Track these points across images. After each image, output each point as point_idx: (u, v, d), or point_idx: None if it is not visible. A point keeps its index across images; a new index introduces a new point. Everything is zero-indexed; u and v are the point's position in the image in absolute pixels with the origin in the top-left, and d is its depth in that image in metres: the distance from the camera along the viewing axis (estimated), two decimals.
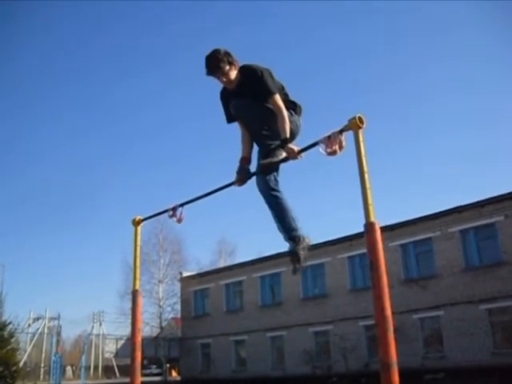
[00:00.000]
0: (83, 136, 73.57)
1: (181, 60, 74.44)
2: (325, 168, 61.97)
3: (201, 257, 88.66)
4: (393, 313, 2.53)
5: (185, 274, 34.22)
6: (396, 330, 2.76)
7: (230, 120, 3.69)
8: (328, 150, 2.98)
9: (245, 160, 3.62)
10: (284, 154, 3.36)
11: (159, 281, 36.41)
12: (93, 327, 53.87)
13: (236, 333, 29.10)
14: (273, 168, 3.52)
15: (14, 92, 73.41)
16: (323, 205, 69.66)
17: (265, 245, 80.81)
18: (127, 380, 4.73)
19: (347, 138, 2.93)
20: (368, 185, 2.72)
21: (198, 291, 32.59)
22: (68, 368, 46.27)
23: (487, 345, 19.79)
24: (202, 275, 33.14)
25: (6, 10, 61.27)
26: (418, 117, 65.37)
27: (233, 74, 3.46)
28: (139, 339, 4.13)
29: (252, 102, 3.47)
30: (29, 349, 41.28)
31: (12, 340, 17.70)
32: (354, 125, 2.82)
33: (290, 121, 3.45)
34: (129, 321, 27.35)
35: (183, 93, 74.73)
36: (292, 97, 3.67)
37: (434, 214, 22.35)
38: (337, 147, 2.95)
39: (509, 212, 20.13)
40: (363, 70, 70.37)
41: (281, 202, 3.57)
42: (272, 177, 3.58)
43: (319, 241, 24.43)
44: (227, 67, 3.41)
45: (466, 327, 20.39)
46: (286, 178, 3.66)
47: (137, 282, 4.30)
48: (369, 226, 2.63)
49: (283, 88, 3.60)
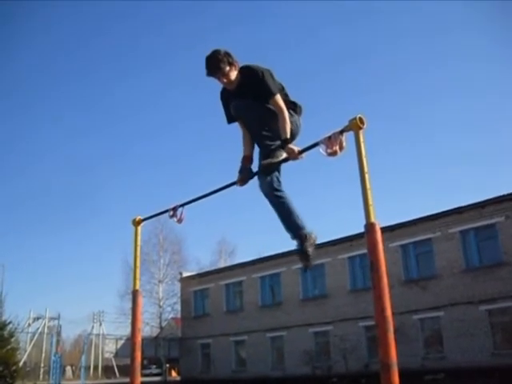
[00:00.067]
0: (83, 136, 73.67)
1: (181, 60, 74.53)
2: (325, 168, 62.05)
3: (201, 257, 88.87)
4: (393, 313, 2.53)
5: (185, 274, 34.22)
6: (396, 331, 2.76)
7: (231, 120, 3.69)
8: (328, 151, 2.98)
9: (246, 159, 3.62)
10: (284, 155, 3.36)
11: (159, 281, 36.41)
12: (93, 327, 53.94)
13: (236, 333, 29.10)
14: (273, 168, 3.52)
15: (14, 92, 73.53)
16: (324, 205, 69.61)
17: (265, 245, 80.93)
18: (127, 380, 4.73)
19: (348, 139, 2.93)
20: (368, 185, 2.71)
21: (198, 291, 32.59)
22: (68, 368, 46.27)
23: (487, 345, 19.78)
24: (202, 275, 33.14)
25: (6, 10, 61.31)
26: (419, 117, 65.44)
27: (233, 75, 3.45)
28: (139, 339, 4.13)
29: (252, 103, 3.47)
30: (29, 348, 41.26)
31: (12, 340, 17.70)
32: (355, 125, 2.82)
33: (291, 121, 3.44)
34: (129, 321, 27.34)
35: (183, 93, 74.80)
36: (292, 97, 3.66)
37: (435, 215, 22.35)
38: (337, 148, 2.95)
39: (509, 213, 20.12)
40: (363, 71, 70.46)
41: (285, 202, 3.57)
42: (274, 177, 3.57)
43: (319, 241, 24.36)
44: (227, 68, 3.41)
45: (466, 328, 20.38)
46: (287, 179, 3.66)
47: (137, 282, 4.30)
48: (369, 227, 2.63)
49: (283, 88, 3.59)
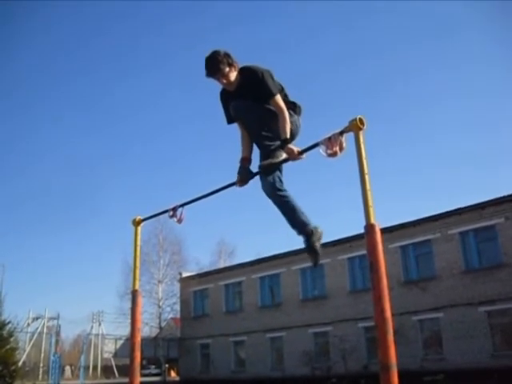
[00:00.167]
0: (83, 136, 73.77)
1: (181, 60, 74.62)
2: (325, 169, 62.06)
3: (200, 257, 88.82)
4: (392, 314, 2.53)
5: (184, 275, 34.21)
6: (395, 332, 2.77)
7: (231, 121, 3.69)
8: (328, 152, 2.98)
9: (245, 160, 3.62)
10: (285, 155, 3.36)
11: (159, 281, 36.39)
12: (92, 327, 53.97)
13: (235, 333, 29.08)
14: (274, 169, 3.52)
15: (14, 92, 73.62)
16: (323, 206, 69.46)
17: (264, 246, 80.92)
18: (126, 380, 4.73)
19: (348, 140, 2.92)
20: (368, 186, 2.71)
21: (198, 292, 32.59)
22: (67, 368, 46.29)
23: (486, 347, 19.77)
24: (202, 276, 33.13)
25: (6, 10, 61.34)
26: (419, 118, 65.48)
27: (232, 76, 3.45)
28: (138, 339, 4.13)
29: (252, 104, 3.47)
30: (28, 348, 41.21)
31: (11, 339, 17.66)
32: (355, 126, 2.82)
33: (290, 121, 3.44)
34: (128, 321, 27.30)
35: (183, 93, 74.83)
36: (292, 97, 3.67)
37: (434, 216, 22.34)
38: (337, 149, 2.95)
39: (509, 214, 20.11)
40: (364, 71, 70.46)
41: (288, 201, 3.58)
42: (276, 177, 3.58)
43: None
44: (227, 69, 3.40)
45: (466, 329, 20.37)
46: (287, 179, 3.66)
47: (136, 282, 4.30)
48: (369, 228, 2.63)
49: (283, 89, 3.59)
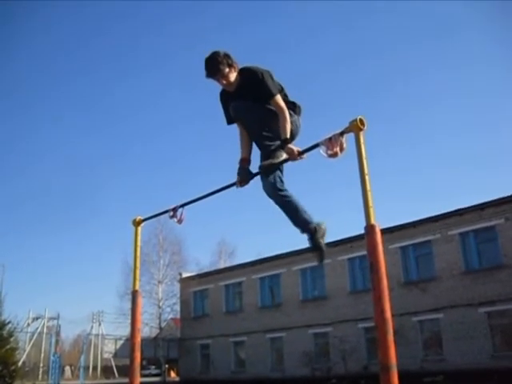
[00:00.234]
0: (83, 136, 73.82)
1: (181, 60, 74.69)
2: (326, 170, 62.05)
3: (200, 258, 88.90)
4: (392, 315, 2.53)
5: (184, 275, 34.20)
6: (395, 333, 2.77)
7: (230, 121, 3.70)
8: (329, 152, 2.98)
9: (244, 161, 3.62)
10: (285, 155, 3.36)
11: (159, 281, 36.36)
12: (92, 327, 53.96)
13: (235, 334, 29.08)
14: (274, 169, 3.52)
15: (14, 92, 73.64)
16: (324, 206, 69.47)
17: (264, 246, 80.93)
18: (126, 380, 4.73)
19: (348, 140, 2.92)
20: (369, 187, 2.71)
21: (198, 292, 32.58)
22: (67, 368, 46.28)
23: (486, 348, 19.76)
24: (202, 276, 33.12)
25: (6, 10, 61.40)
26: (419, 118, 65.49)
27: (232, 77, 3.46)
28: (138, 339, 4.12)
29: (252, 104, 3.47)
30: (28, 348, 41.20)
31: (11, 339, 17.64)
32: (355, 127, 2.82)
33: (290, 121, 3.45)
34: (128, 321, 27.28)
35: (183, 93, 74.87)
36: (292, 97, 3.67)
37: (434, 217, 22.34)
38: (338, 149, 2.95)
39: (509, 215, 20.11)
40: (364, 71, 70.47)
41: (290, 200, 3.59)
42: (277, 178, 3.59)
43: None
44: (227, 69, 3.41)
45: (466, 330, 20.36)
46: (287, 179, 3.66)
47: (137, 283, 4.29)
48: (369, 228, 2.63)
49: (282, 89, 3.60)
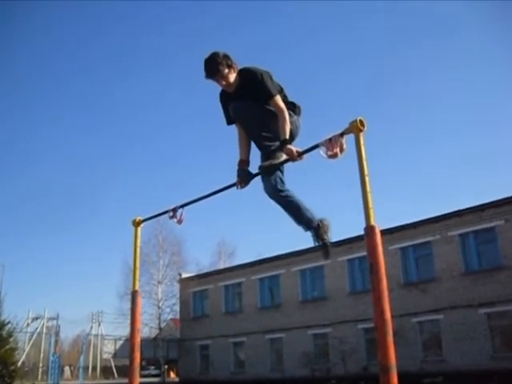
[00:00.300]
0: (83, 136, 73.84)
1: (181, 60, 74.69)
2: (325, 171, 62.04)
3: (200, 258, 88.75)
4: (392, 316, 2.53)
5: (184, 276, 34.19)
6: (395, 334, 2.76)
7: (230, 122, 3.69)
8: (329, 153, 2.98)
9: (243, 163, 3.62)
10: (285, 156, 3.36)
11: (158, 282, 36.32)
12: (91, 327, 53.90)
13: (235, 334, 29.07)
14: (274, 170, 3.52)
15: (14, 92, 73.68)
16: (324, 207, 69.31)
17: (264, 247, 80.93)
18: (125, 381, 4.72)
19: (348, 141, 2.92)
20: (368, 188, 2.71)
21: (197, 292, 32.58)
22: (66, 368, 46.26)
23: (486, 349, 19.76)
24: (202, 276, 33.11)
25: (6, 10, 61.43)
26: (419, 118, 65.52)
27: (232, 77, 3.46)
28: (138, 340, 4.12)
29: (252, 105, 3.47)
30: (27, 348, 41.17)
31: (10, 339, 17.62)
32: (355, 128, 2.82)
33: (290, 122, 3.44)
34: (128, 321, 27.34)
35: (183, 93, 74.90)
36: (291, 97, 3.67)
37: (434, 218, 22.34)
38: (338, 150, 2.95)
39: (509, 216, 20.11)
40: (364, 71, 70.51)
41: (292, 200, 3.60)
42: (278, 178, 3.59)
43: (319, 243, 24.33)
44: (226, 70, 3.41)
45: (466, 331, 20.35)
46: (287, 180, 3.66)
47: (136, 283, 4.29)
48: (369, 230, 2.63)
49: (282, 89, 3.59)
